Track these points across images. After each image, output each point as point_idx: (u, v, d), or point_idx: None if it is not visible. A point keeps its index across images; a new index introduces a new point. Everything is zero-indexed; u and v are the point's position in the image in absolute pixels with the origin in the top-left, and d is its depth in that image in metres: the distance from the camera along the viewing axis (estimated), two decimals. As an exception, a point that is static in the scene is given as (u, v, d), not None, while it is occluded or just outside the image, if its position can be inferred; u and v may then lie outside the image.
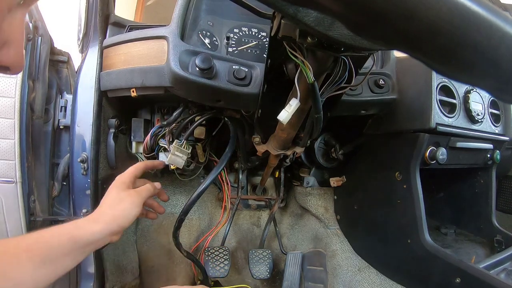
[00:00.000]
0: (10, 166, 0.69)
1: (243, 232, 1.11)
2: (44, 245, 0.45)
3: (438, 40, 0.16)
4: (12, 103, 0.68)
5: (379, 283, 0.81)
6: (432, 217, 1.01)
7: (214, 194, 1.10)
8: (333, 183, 0.96)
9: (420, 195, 0.70)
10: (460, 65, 0.17)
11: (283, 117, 0.44)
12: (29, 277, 0.42)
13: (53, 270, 0.46)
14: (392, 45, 0.17)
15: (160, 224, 1.01)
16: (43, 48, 0.73)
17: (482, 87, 0.20)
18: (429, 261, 0.68)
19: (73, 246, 0.47)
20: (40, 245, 0.45)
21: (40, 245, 0.45)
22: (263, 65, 0.57)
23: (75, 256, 0.49)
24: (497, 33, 0.16)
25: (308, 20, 0.28)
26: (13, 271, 0.41)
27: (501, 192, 1.20)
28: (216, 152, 0.90)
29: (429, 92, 0.67)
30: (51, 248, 0.45)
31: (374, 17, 0.16)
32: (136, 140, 0.83)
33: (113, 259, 0.83)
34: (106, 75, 0.71)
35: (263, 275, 0.87)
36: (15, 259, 0.42)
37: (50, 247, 0.45)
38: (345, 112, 0.69)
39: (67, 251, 0.47)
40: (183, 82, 0.58)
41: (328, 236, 0.98)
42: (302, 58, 0.38)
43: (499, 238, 0.85)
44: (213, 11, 0.72)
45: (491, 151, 0.87)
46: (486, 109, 0.81)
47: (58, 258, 0.46)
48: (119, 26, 0.77)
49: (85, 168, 0.72)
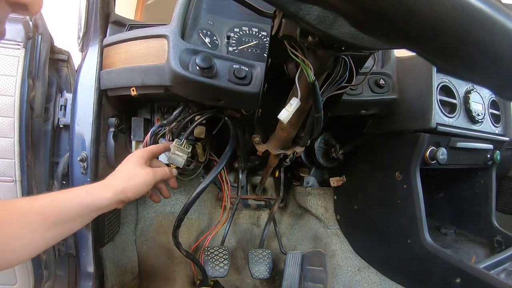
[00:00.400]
0: (10, 164, 0.69)
1: (243, 232, 1.11)
2: (56, 209, 0.47)
3: (441, 36, 0.16)
4: (12, 102, 0.67)
5: (379, 283, 0.81)
6: (432, 217, 1.01)
7: (214, 194, 1.10)
8: (333, 183, 0.96)
9: (420, 195, 0.70)
10: (463, 62, 0.17)
11: (283, 117, 0.44)
12: (40, 237, 0.45)
13: (63, 231, 0.48)
14: (395, 42, 0.17)
15: (160, 223, 1.01)
16: (43, 46, 0.73)
17: (484, 85, 0.20)
18: (429, 261, 0.68)
19: (83, 211, 0.50)
20: (52, 208, 0.47)
21: (52, 208, 0.47)
22: (264, 64, 0.57)
23: (83, 220, 0.51)
24: (500, 30, 0.16)
25: (309, 18, 0.28)
26: (24, 232, 0.43)
27: (501, 192, 1.20)
28: (216, 152, 0.90)
29: (430, 92, 0.67)
30: (63, 212, 0.47)
31: (378, 13, 0.16)
32: (136, 139, 0.83)
33: (112, 259, 0.83)
34: (106, 74, 0.71)
35: (262, 275, 0.87)
36: (27, 221, 0.44)
37: (61, 211, 0.47)
38: (346, 111, 0.69)
39: (77, 214, 0.49)
40: (183, 81, 0.58)
41: (328, 236, 0.98)
42: (303, 57, 0.38)
43: (499, 239, 0.85)
44: (213, 10, 0.72)
45: (491, 152, 0.87)
46: (486, 109, 0.81)
47: (68, 221, 0.48)
48: (119, 25, 0.76)
49: (84, 167, 0.71)
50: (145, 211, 1.01)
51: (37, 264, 0.74)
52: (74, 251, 0.77)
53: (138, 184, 0.57)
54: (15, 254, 0.43)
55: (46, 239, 0.46)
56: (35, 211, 0.45)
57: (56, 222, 0.46)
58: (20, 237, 0.43)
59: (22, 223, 0.43)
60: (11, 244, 0.42)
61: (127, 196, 0.55)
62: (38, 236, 0.45)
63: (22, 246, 0.43)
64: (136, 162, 0.59)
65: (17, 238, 0.42)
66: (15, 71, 0.67)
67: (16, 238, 0.42)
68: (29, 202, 0.46)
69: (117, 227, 0.87)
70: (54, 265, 0.78)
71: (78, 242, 0.76)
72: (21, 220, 0.43)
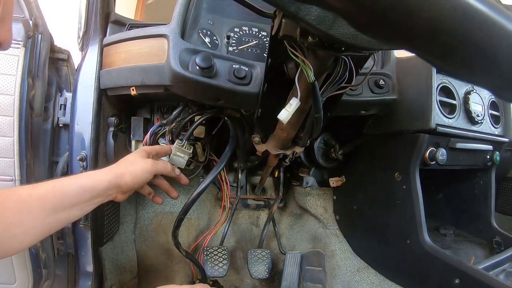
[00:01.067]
0: (9, 164, 0.68)
1: (242, 231, 1.11)
2: (56, 194, 0.47)
3: (441, 37, 0.16)
4: (12, 101, 0.67)
5: (378, 284, 0.81)
6: (432, 218, 1.01)
7: (213, 194, 1.10)
8: (333, 183, 0.96)
9: (419, 195, 0.70)
10: (462, 62, 0.17)
11: (283, 117, 0.44)
12: (39, 224, 0.45)
13: (62, 218, 0.49)
14: (394, 42, 0.17)
15: (159, 223, 1.01)
16: (43, 46, 0.73)
17: (483, 86, 0.20)
18: (428, 261, 0.68)
19: (82, 195, 0.50)
20: (52, 193, 0.47)
21: (52, 193, 0.47)
22: (264, 64, 0.57)
23: (82, 206, 0.51)
24: (499, 31, 0.16)
25: (309, 18, 0.28)
26: (24, 218, 0.43)
27: (500, 193, 1.20)
28: (216, 152, 0.90)
29: (429, 93, 0.67)
30: (63, 198, 0.48)
31: (377, 14, 0.16)
32: (136, 139, 0.83)
33: (111, 258, 0.83)
34: (106, 73, 0.71)
35: (261, 275, 0.87)
36: (27, 207, 0.44)
37: (61, 195, 0.48)
38: (345, 112, 0.69)
39: (76, 200, 0.49)
40: (183, 80, 0.58)
41: (327, 236, 0.98)
42: (303, 58, 0.38)
43: (498, 239, 0.85)
44: (213, 10, 0.72)
45: (490, 152, 0.88)
46: (486, 110, 0.81)
47: (68, 207, 0.49)
48: (119, 24, 0.76)
49: (84, 166, 0.71)
50: (144, 210, 1.01)
51: (37, 264, 0.74)
52: (73, 251, 0.77)
53: (137, 170, 0.58)
54: (15, 241, 0.43)
55: (46, 226, 0.46)
56: (36, 197, 0.45)
57: (55, 207, 0.47)
58: (20, 224, 0.43)
59: (22, 210, 0.43)
60: (11, 230, 0.42)
61: (126, 182, 0.56)
62: (38, 222, 0.45)
63: (22, 233, 0.43)
64: (138, 153, 0.61)
65: (17, 225, 0.43)
66: (15, 70, 0.67)
67: (16, 224, 0.42)
68: (30, 189, 0.46)
69: (116, 226, 0.87)
70: (53, 264, 0.78)
71: (77, 242, 0.76)
72: (21, 207, 0.44)
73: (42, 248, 0.75)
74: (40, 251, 0.74)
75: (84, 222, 0.72)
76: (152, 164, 0.60)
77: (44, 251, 0.75)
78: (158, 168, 0.62)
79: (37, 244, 0.73)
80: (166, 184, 0.70)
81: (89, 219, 0.72)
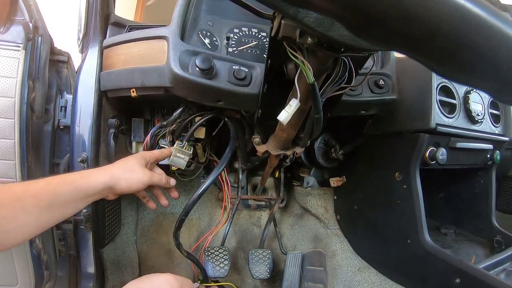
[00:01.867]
0: (10, 166, 0.69)
1: (243, 232, 1.11)
2: (50, 191, 0.48)
3: (438, 42, 0.16)
4: (12, 103, 0.68)
5: (379, 283, 0.81)
6: (432, 217, 1.01)
7: (214, 194, 1.10)
8: (333, 183, 0.96)
9: (420, 195, 0.70)
10: (460, 66, 0.17)
11: (283, 117, 0.44)
12: (33, 221, 0.46)
13: (56, 215, 0.49)
14: (392, 46, 0.17)
15: (160, 224, 1.01)
16: (43, 48, 0.73)
17: (482, 89, 0.20)
18: (428, 261, 0.68)
19: (76, 195, 0.51)
20: (47, 191, 0.48)
21: (46, 191, 0.48)
22: (263, 65, 0.57)
23: (76, 204, 0.52)
24: (497, 35, 0.16)
25: (308, 21, 0.28)
26: (18, 214, 0.44)
27: (501, 192, 1.20)
28: (216, 152, 0.90)
29: (429, 93, 0.67)
30: (56, 195, 0.48)
31: (374, 19, 0.16)
32: (136, 140, 0.83)
33: (113, 259, 0.84)
34: (106, 75, 0.71)
35: (263, 275, 0.87)
36: (21, 203, 0.45)
37: (55, 194, 0.48)
38: (345, 112, 0.69)
39: (70, 198, 0.50)
40: (183, 82, 0.58)
41: (328, 236, 0.98)
42: (302, 59, 0.38)
43: (498, 239, 0.85)
44: (213, 11, 0.72)
45: (491, 152, 0.87)
46: (486, 109, 0.81)
47: (62, 205, 0.49)
48: (119, 26, 0.77)
49: (85, 168, 0.72)
50: (145, 211, 1.01)
51: (38, 265, 0.74)
52: (74, 252, 0.77)
53: (132, 179, 0.59)
54: (8, 236, 0.43)
55: (40, 222, 0.47)
56: (30, 194, 0.46)
57: (49, 205, 0.47)
58: (14, 219, 0.43)
59: (16, 206, 0.44)
60: (4, 225, 0.43)
61: (120, 185, 0.57)
62: (32, 219, 0.45)
63: (15, 228, 0.44)
64: (137, 160, 0.61)
65: (11, 220, 0.43)
66: (15, 72, 0.68)
67: (10, 220, 0.43)
68: (25, 186, 0.47)
69: (117, 227, 0.87)
70: (55, 265, 0.79)
71: (78, 243, 0.76)
72: (15, 203, 0.44)
73: (44, 249, 0.75)
74: (41, 253, 0.74)
75: (85, 223, 0.72)
76: (149, 177, 0.62)
77: (46, 252, 0.75)
78: (154, 180, 0.63)
79: (39, 246, 0.73)
80: (159, 191, 0.71)
81: (90, 220, 0.73)
